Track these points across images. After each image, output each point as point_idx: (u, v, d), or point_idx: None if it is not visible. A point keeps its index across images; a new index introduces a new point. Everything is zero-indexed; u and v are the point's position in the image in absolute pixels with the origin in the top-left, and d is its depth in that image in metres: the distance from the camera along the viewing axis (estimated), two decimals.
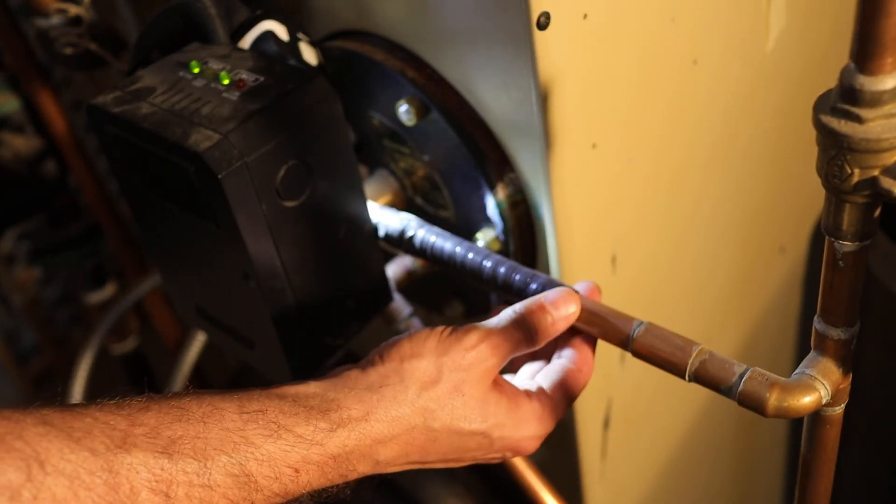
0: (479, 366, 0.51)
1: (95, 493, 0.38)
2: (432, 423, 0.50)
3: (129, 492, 0.39)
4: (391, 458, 0.50)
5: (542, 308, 0.54)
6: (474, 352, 0.52)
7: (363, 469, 0.49)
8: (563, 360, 0.56)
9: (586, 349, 0.56)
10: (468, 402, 0.51)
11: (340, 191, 0.56)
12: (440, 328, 0.53)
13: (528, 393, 0.54)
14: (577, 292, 0.55)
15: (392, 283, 0.64)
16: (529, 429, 0.53)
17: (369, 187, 0.67)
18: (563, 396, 0.55)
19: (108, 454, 0.39)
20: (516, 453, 0.55)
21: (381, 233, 0.62)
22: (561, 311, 0.54)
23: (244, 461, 0.44)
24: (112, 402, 0.43)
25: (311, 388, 0.49)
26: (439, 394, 0.51)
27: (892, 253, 0.97)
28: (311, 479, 0.46)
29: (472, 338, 0.52)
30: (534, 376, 0.57)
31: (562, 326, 0.54)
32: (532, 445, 0.55)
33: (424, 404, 0.50)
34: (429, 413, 0.50)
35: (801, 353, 1.11)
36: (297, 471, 0.46)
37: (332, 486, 0.49)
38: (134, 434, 0.41)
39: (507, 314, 0.54)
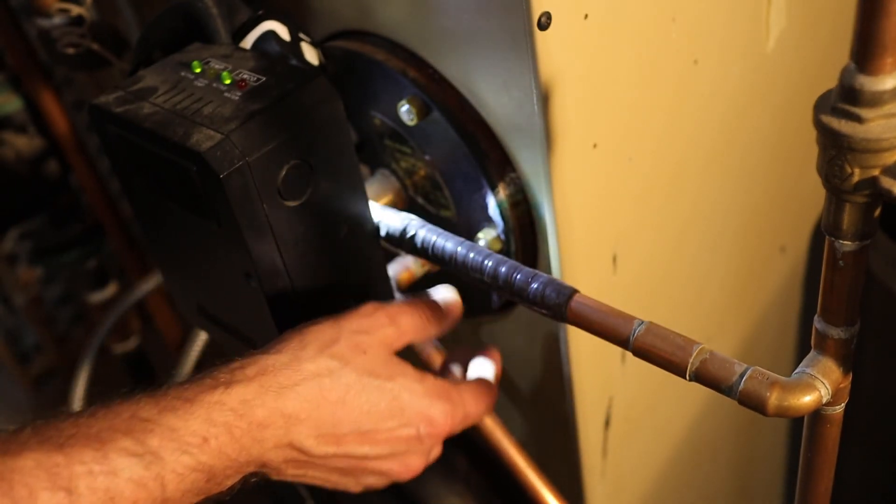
0: (378, 331, 0.52)
1: None
2: (339, 377, 0.49)
3: (28, 495, 0.38)
4: (302, 416, 0.47)
5: (435, 302, 0.57)
6: (371, 318, 0.52)
7: (276, 432, 0.46)
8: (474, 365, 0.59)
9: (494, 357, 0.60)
10: (372, 359, 0.50)
11: (342, 191, 0.56)
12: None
13: (433, 373, 0.54)
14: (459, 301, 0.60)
15: (393, 283, 0.64)
16: (440, 401, 0.52)
17: (371, 187, 0.67)
18: (476, 387, 0.56)
19: None
20: (433, 431, 0.52)
21: (383, 232, 0.62)
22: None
23: (143, 438, 0.41)
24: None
25: (199, 375, 0.47)
26: (341, 351, 0.50)
27: (892, 253, 0.97)
28: (223, 446, 0.44)
29: (367, 307, 0.54)
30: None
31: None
32: (447, 423, 0.53)
33: (327, 362, 0.49)
34: (334, 369, 0.49)
35: (801, 352, 1.11)
36: (204, 439, 0.43)
37: (247, 471, 0.46)
38: (19, 440, 0.40)
39: (405, 300, 0.57)
